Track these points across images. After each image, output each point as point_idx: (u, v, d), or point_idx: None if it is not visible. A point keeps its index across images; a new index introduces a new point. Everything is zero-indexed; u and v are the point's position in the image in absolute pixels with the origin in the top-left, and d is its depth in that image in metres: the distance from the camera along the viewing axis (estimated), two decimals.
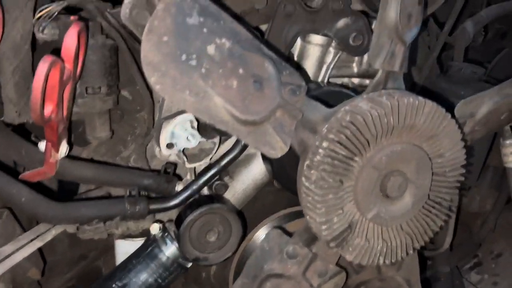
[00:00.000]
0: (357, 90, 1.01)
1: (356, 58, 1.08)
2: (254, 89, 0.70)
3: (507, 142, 1.13)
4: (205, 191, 1.03)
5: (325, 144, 0.71)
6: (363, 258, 0.77)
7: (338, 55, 1.04)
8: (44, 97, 0.72)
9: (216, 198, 1.01)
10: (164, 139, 0.95)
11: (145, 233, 1.12)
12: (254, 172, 1.07)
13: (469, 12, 1.44)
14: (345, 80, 1.12)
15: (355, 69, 1.09)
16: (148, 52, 0.61)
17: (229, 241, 0.98)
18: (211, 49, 0.66)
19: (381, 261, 0.79)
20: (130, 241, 1.15)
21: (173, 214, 1.07)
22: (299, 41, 1.02)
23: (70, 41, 0.79)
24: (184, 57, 0.64)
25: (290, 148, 0.76)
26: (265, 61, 0.71)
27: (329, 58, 1.05)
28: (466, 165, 0.80)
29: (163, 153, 0.96)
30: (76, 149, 1.03)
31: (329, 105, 0.77)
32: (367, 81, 1.14)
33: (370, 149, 0.73)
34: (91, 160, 1.01)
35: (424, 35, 1.38)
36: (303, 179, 0.73)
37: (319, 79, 1.06)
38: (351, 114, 0.71)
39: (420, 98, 0.74)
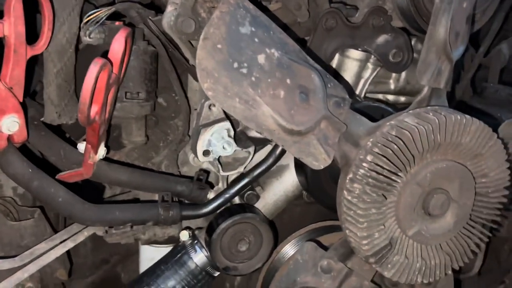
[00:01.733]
0: (395, 107, 1.01)
1: (394, 75, 1.08)
2: (300, 100, 0.70)
3: None
4: (236, 200, 1.03)
5: (369, 157, 0.71)
6: (401, 276, 0.76)
7: (376, 70, 1.04)
8: (92, 98, 0.73)
9: (247, 207, 1.00)
10: (201, 146, 0.95)
11: (171, 240, 1.12)
12: (286, 184, 1.07)
13: (503, 34, 1.43)
14: (380, 96, 1.12)
15: (392, 86, 1.09)
16: (203, 58, 0.62)
17: (259, 252, 0.97)
18: (261, 58, 0.67)
19: (419, 280, 0.77)
20: (155, 247, 1.15)
21: (199, 222, 1.07)
22: (337, 55, 1.03)
23: (118, 45, 0.80)
24: (236, 65, 0.64)
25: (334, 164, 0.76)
26: (312, 72, 0.72)
27: (367, 73, 1.05)
28: (510, 186, 0.79)
29: (199, 160, 0.96)
30: (111, 153, 1.04)
31: (372, 119, 0.77)
32: (402, 98, 1.13)
33: (415, 165, 0.72)
34: (126, 164, 1.02)
35: None
36: (345, 192, 0.73)
37: (356, 94, 1.06)
38: (397, 129, 0.70)
39: (467, 116, 0.73)
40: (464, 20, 0.78)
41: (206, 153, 0.96)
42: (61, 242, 0.94)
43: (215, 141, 0.95)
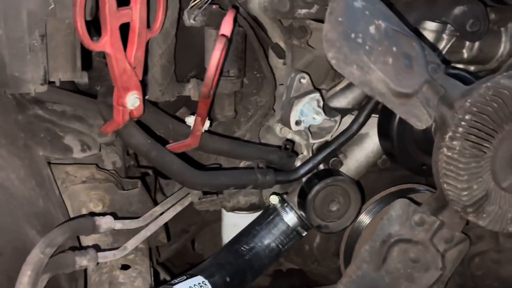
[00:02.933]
0: (475, 74, 1.07)
1: (467, 44, 1.14)
2: (405, 66, 0.78)
3: None
4: (321, 166, 1.12)
5: (468, 116, 0.78)
6: (495, 225, 0.84)
7: (451, 41, 1.10)
8: (215, 73, 0.83)
9: (334, 172, 1.09)
10: (294, 116, 1.04)
11: (252, 206, 1.22)
12: (367, 150, 1.15)
13: None
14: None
15: (465, 55, 1.15)
16: (328, 30, 0.70)
17: (348, 211, 1.06)
18: (372, 29, 0.75)
19: (511, 228, 0.85)
20: (238, 214, 1.26)
21: (276, 188, 1.16)
22: None
23: (227, 26, 0.89)
24: (353, 35, 0.73)
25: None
26: (413, 41, 0.79)
27: (441, 44, 1.11)
28: None
29: (292, 129, 1.05)
30: None
31: (465, 83, 0.84)
32: (472, 68, 1.19)
33: (509, 122, 0.79)
34: (223, 136, 1.12)
35: None
36: (445, 149, 0.80)
37: None
38: (495, 89, 0.78)
39: None
40: None
41: (298, 122, 1.05)
42: (172, 206, 1.06)
43: (307, 111, 1.04)
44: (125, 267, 1.04)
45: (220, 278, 0.89)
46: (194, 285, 0.81)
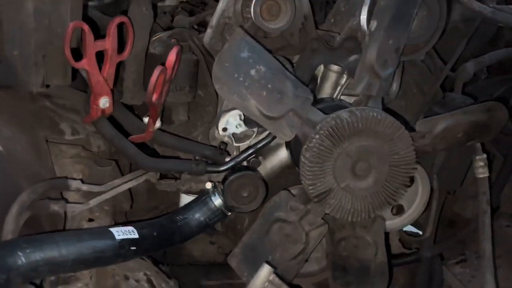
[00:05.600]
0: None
1: None
2: (276, 98, 1.15)
3: (477, 157, 1.48)
4: (244, 164, 1.50)
5: (317, 136, 1.15)
6: (336, 213, 1.20)
7: (349, 80, 1.46)
8: (154, 89, 1.23)
9: (251, 169, 1.47)
10: (221, 124, 1.43)
11: (201, 191, 1.60)
12: (280, 156, 1.51)
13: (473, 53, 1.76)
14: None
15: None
16: (216, 71, 1.09)
17: (256, 198, 1.44)
18: (253, 72, 1.13)
19: (349, 218, 1.20)
20: (191, 196, 1.65)
21: (220, 177, 1.54)
22: (322, 68, 1.46)
23: (172, 56, 1.29)
24: (236, 75, 1.11)
25: (299, 140, 1.20)
26: (286, 81, 1.17)
27: (342, 81, 1.46)
28: (416, 162, 1.20)
29: (220, 134, 1.44)
30: (164, 126, 1.54)
31: (325, 113, 1.21)
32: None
33: (345, 142, 1.15)
34: (174, 135, 1.52)
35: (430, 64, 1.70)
36: (302, 157, 1.17)
37: (334, 96, 1.49)
38: (336, 119, 1.14)
39: (383, 113, 1.15)
40: (392, 50, 1.20)
41: (224, 129, 1.43)
42: (129, 180, 1.46)
43: (231, 122, 1.42)
44: (91, 220, 1.45)
45: (148, 232, 1.27)
46: (124, 230, 1.20)
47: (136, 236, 1.21)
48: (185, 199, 1.67)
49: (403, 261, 1.72)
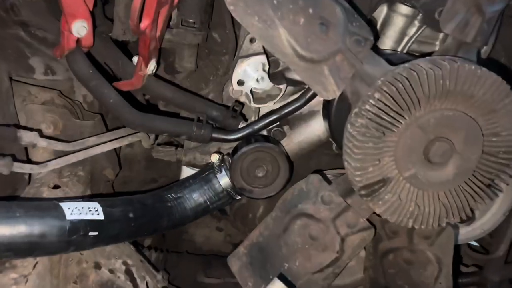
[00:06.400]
0: None
1: (441, 36, 1.06)
2: (319, 30, 0.75)
3: None
4: (264, 133, 1.11)
5: (376, 94, 0.74)
6: (392, 215, 0.80)
7: (422, 29, 1.04)
8: (142, 9, 0.84)
9: (271, 141, 1.08)
10: (236, 75, 1.04)
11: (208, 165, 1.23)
12: (312, 128, 1.12)
13: None
14: None
15: (437, 47, 1.08)
16: None
17: (275, 181, 1.05)
18: None
19: (409, 224, 0.80)
20: (194, 170, 1.28)
21: (231, 149, 1.17)
22: (385, 8, 1.04)
23: None
24: None
25: (346, 100, 0.80)
26: (337, 7, 0.76)
27: (412, 30, 1.05)
28: None
29: (234, 89, 1.05)
30: (166, 77, 1.17)
31: (392, 63, 0.80)
32: None
33: (420, 109, 0.74)
34: (173, 84, 1.14)
35: None
36: (349, 125, 0.77)
37: (399, 50, 1.07)
38: (408, 70, 0.73)
39: (484, 69, 0.73)
40: None
41: (240, 82, 1.05)
42: (110, 140, 1.10)
43: (250, 73, 1.03)
44: (56, 187, 1.11)
45: (120, 212, 0.92)
46: (83, 207, 0.84)
47: (100, 217, 0.85)
48: (188, 173, 1.30)
49: (461, 282, 1.31)
